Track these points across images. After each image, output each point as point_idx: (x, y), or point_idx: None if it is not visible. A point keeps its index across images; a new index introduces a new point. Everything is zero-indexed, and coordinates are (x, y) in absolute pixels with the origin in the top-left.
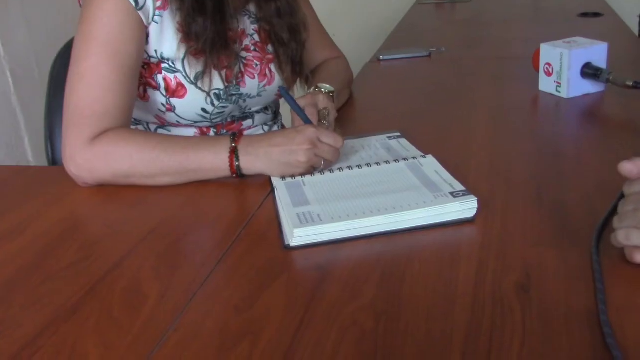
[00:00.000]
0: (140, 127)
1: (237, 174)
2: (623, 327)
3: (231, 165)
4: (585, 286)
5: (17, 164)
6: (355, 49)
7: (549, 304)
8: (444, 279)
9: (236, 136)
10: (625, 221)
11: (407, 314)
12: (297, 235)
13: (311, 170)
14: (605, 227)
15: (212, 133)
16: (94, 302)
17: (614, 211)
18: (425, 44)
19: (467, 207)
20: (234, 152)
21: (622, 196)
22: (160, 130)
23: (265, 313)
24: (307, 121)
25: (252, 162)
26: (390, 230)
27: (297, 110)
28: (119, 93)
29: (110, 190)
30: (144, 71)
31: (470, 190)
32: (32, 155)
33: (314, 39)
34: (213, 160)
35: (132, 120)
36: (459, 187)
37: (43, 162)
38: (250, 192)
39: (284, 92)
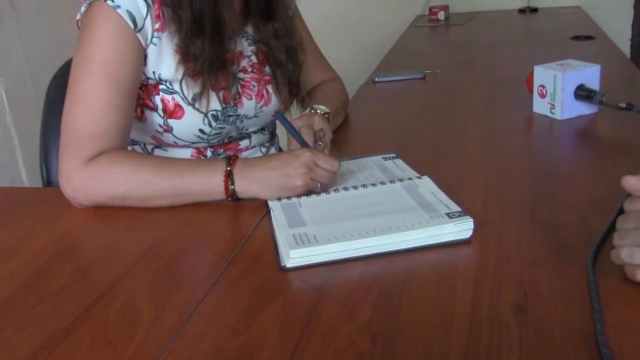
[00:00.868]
0: (137, 148)
1: (233, 197)
2: (621, 347)
3: (226, 189)
4: (582, 306)
5: (11, 184)
6: (351, 71)
7: (546, 324)
8: (440, 299)
9: (231, 159)
10: (626, 238)
11: (404, 335)
12: (293, 257)
13: (307, 193)
14: (601, 246)
15: (209, 153)
16: (89, 323)
17: (611, 229)
18: (419, 66)
19: (463, 228)
20: (229, 176)
21: (621, 211)
22: (157, 151)
23: (261, 334)
24: (304, 143)
25: (247, 185)
26: (387, 251)
27: (294, 133)
28: (116, 115)
29: (106, 212)
30: (142, 92)
31: (465, 210)
32: (26, 175)
33: (310, 60)
34: (208, 184)
35: (129, 140)
36: (455, 207)
37: (37, 182)
38: (246, 213)
39: (280, 116)
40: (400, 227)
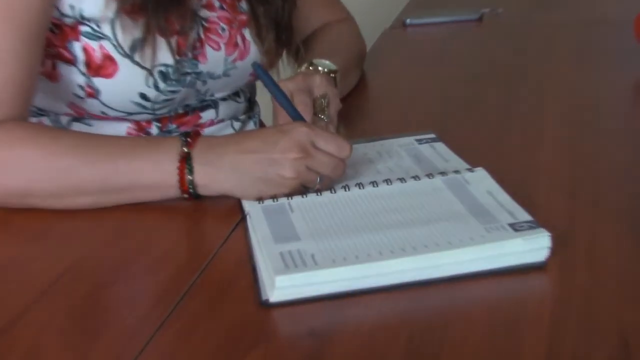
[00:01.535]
0: (45, 120)
1: (191, 193)
2: None
3: (181, 181)
4: None
5: None
6: (370, 9)
7: None
8: (501, 350)
9: (189, 137)
10: None
11: None
12: (281, 286)
13: (301, 189)
14: None
15: (154, 129)
16: None
17: None
18: (473, 3)
19: (535, 246)
20: (185, 161)
21: None
22: (76, 125)
23: None
24: (297, 116)
25: (212, 176)
26: (421, 280)
27: (281, 98)
28: (14, 69)
29: (0, 215)
30: (54, 37)
31: (539, 221)
32: None
33: None
34: (155, 174)
35: (34, 109)
36: (523, 216)
37: None
38: (210, 219)
39: (260, 70)
40: (442, 243)
